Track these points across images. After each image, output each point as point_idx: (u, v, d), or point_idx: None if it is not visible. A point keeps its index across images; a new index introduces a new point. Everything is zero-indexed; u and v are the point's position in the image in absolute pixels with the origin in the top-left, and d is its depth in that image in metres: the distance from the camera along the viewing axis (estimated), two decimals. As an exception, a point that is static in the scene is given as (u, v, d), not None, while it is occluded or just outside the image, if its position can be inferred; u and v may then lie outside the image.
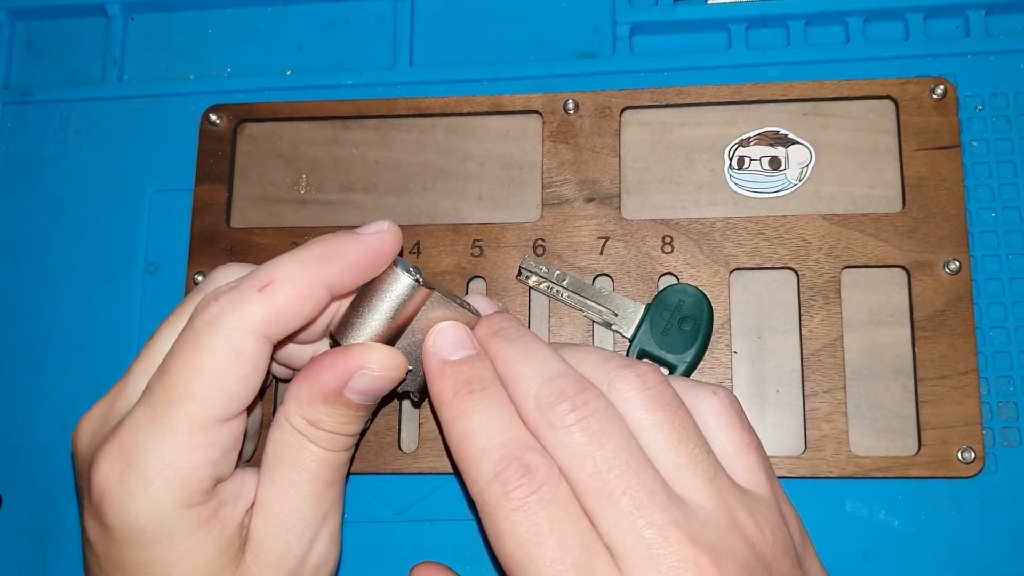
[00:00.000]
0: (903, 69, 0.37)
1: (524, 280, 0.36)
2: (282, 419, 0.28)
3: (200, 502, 0.26)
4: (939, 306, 0.34)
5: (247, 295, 0.26)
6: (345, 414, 0.28)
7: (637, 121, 0.38)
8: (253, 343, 0.26)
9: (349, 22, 0.41)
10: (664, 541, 0.24)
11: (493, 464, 0.25)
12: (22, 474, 0.38)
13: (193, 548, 0.26)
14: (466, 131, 0.38)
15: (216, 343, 0.26)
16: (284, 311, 0.26)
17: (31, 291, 0.39)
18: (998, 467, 0.34)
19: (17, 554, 0.37)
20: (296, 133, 0.39)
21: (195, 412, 0.26)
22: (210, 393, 0.26)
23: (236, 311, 0.26)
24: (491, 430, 0.26)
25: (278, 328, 0.27)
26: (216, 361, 0.26)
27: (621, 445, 0.25)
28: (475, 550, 0.35)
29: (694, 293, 0.35)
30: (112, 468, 0.26)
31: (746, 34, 0.39)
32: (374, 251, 0.28)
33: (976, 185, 0.36)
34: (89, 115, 0.41)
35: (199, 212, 0.38)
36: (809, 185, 0.36)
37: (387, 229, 0.28)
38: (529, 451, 0.26)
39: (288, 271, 0.27)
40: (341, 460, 0.29)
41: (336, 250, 0.28)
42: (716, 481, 0.26)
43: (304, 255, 0.27)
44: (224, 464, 0.27)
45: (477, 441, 0.26)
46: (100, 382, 0.38)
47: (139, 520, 0.26)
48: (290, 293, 0.26)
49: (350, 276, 0.28)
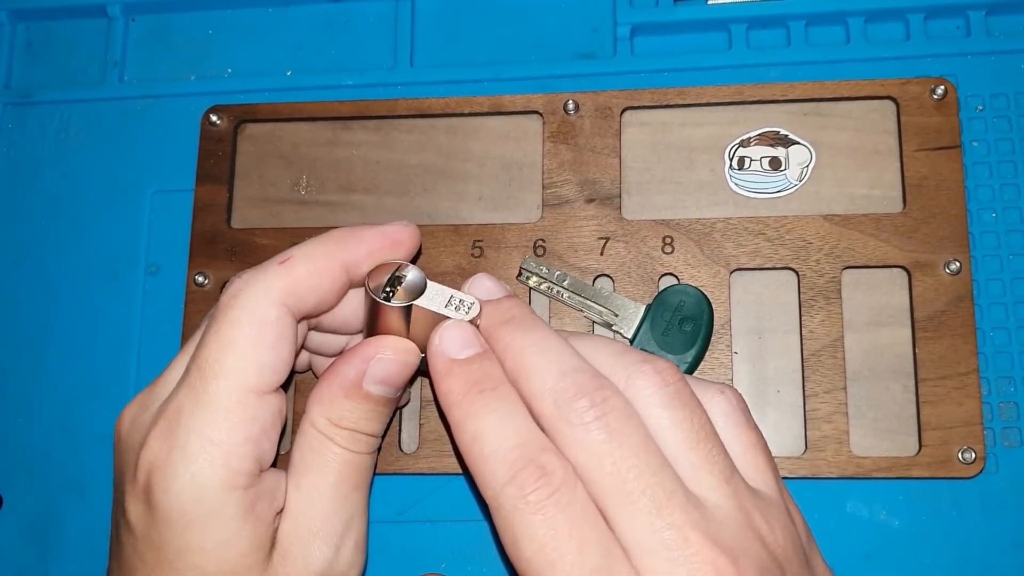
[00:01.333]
0: (904, 69, 0.37)
1: (525, 281, 0.36)
2: (306, 425, 0.29)
3: (242, 486, 0.27)
4: (940, 306, 0.34)
5: (268, 268, 0.28)
6: (366, 409, 0.29)
7: (637, 121, 0.38)
8: (276, 311, 0.27)
9: (349, 22, 0.41)
10: (684, 542, 0.24)
11: (508, 467, 0.25)
12: (22, 474, 0.38)
13: (229, 538, 0.27)
14: (466, 132, 0.38)
15: (240, 314, 0.27)
16: (303, 283, 0.28)
17: (31, 291, 0.39)
18: (999, 467, 0.34)
19: (17, 554, 0.37)
20: (296, 134, 0.39)
21: (230, 386, 0.27)
22: (242, 364, 0.27)
23: (258, 282, 0.27)
24: (504, 431, 0.26)
25: (297, 299, 0.28)
26: (243, 332, 0.27)
27: (640, 444, 0.25)
28: (475, 550, 0.35)
29: (694, 294, 0.34)
30: (161, 448, 0.26)
31: (747, 34, 0.39)
32: (392, 238, 0.29)
33: (977, 185, 0.36)
34: (90, 116, 0.41)
35: (200, 213, 0.38)
36: (809, 185, 0.36)
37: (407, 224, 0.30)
38: (544, 452, 0.25)
39: (308, 250, 0.28)
40: (365, 463, 0.30)
41: (355, 234, 0.29)
42: (732, 482, 0.26)
43: (324, 237, 0.29)
44: (265, 444, 0.27)
45: (490, 442, 0.26)
46: (100, 382, 0.38)
47: (182, 498, 0.26)
48: (309, 267, 0.28)
49: (367, 258, 0.29)
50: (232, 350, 0.27)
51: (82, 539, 0.37)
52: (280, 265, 0.28)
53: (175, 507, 0.26)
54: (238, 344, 0.27)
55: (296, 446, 0.29)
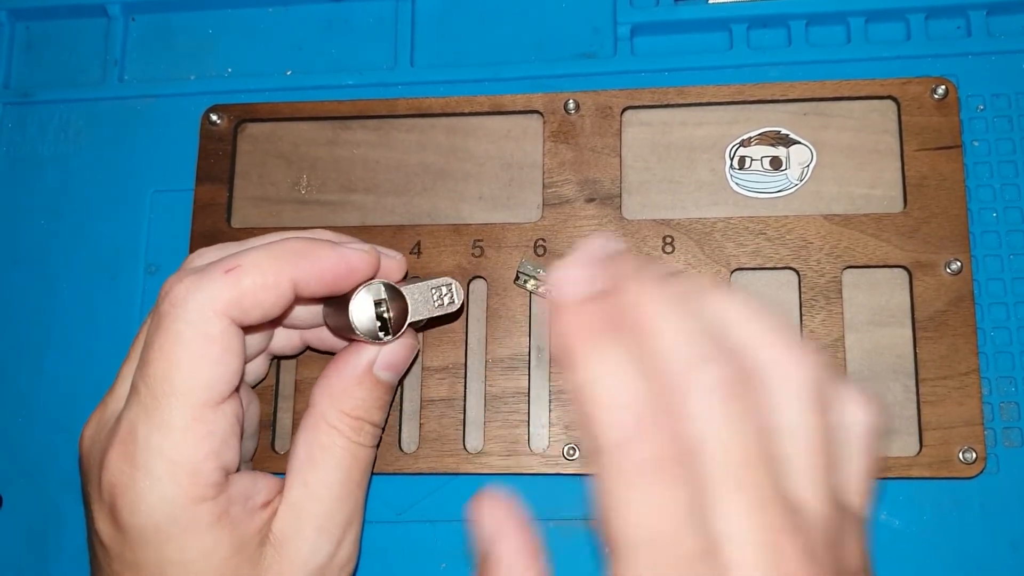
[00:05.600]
0: (904, 69, 0.37)
1: (522, 284, 0.36)
2: (314, 419, 0.29)
3: (211, 496, 0.26)
4: (940, 306, 0.34)
5: (213, 276, 0.26)
6: (375, 396, 0.29)
7: (638, 121, 0.38)
8: (219, 324, 0.26)
9: (349, 22, 0.41)
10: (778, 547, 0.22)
11: (626, 425, 0.23)
12: (22, 474, 0.38)
13: (207, 547, 0.26)
14: (467, 131, 0.38)
15: (184, 328, 0.26)
16: (249, 296, 0.27)
17: (31, 291, 0.39)
18: (999, 468, 0.34)
19: (17, 554, 0.37)
20: (296, 133, 0.39)
21: (183, 404, 0.26)
22: (191, 382, 0.26)
23: (200, 292, 0.26)
24: (624, 383, 0.23)
25: (242, 312, 0.27)
26: (188, 348, 0.26)
27: (760, 433, 0.23)
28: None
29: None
30: (120, 470, 0.26)
31: (747, 34, 0.39)
32: (347, 264, 0.28)
33: (977, 185, 0.36)
34: (90, 115, 0.41)
35: (200, 212, 0.38)
36: (810, 185, 0.36)
37: (367, 250, 0.29)
38: (665, 418, 0.23)
39: (257, 260, 0.27)
40: (369, 459, 0.30)
41: (310, 251, 0.28)
42: (838, 499, 0.24)
43: (276, 249, 0.28)
44: (227, 453, 0.27)
45: (608, 392, 0.23)
46: (100, 382, 0.38)
47: (153, 518, 0.26)
48: (256, 280, 0.27)
49: (317, 280, 0.28)
50: (179, 368, 0.26)
51: (82, 539, 0.36)
52: (226, 274, 0.26)
53: (147, 526, 0.26)
54: (184, 361, 0.26)
55: (301, 442, 0.29)
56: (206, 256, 0.30)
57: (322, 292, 0.28)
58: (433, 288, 0.30)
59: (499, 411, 0.35)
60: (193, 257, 0.31)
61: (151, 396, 0.26)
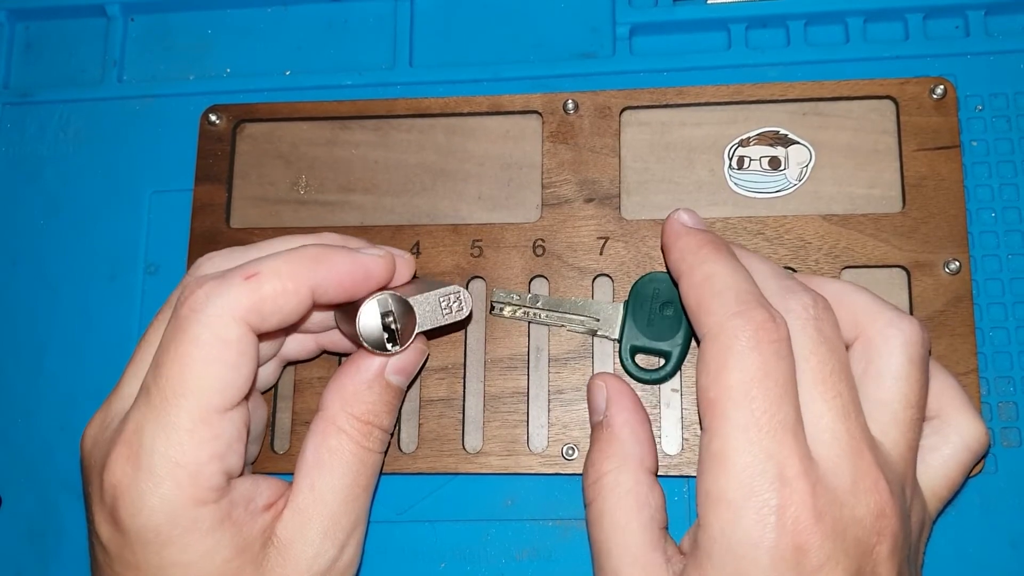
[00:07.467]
0: (903, 69, 0.37)
1: (499, 313, 0.35)
2: (324, 423, 0.29)
3: (213, 500, 0.26)
4: (939, 306, 0.34)
5: (233, 282, 0.27)
6: (386, 400, 0.30)
7: (637, 121, 0.38)
8: (237, 330, 0.26)
9: (349, 22, 0.41)
10: (858, 452, 0.25)
11: (740, 302, 0.26)
12: (22, 474, 0.38)
13: (208, 549, 0.26)
14: (466, 131, 0.38)
15: (201, 332, 0.26)
16: (268, 302, 0.27)
17: (30, 291, 0.39)
18: (998, 468, 0.34)
19: (17, 554, 0.37)
20: (296, 133, 0.39)
21: (193, 406, 0.26)
22: (203, 384, 0.26)
23: (220, 297, 0.26)
24: (737, 276, 0.28)
25: (260, 318, 0.27)
26: (204, 351, 0.26)
27: (845, 360, 0.27)
28: (475, 550, 0.35)
29: (664, 278, 0.34)
30: (123, 471, 0.26)
31: (746, 34, 0.39)
32: (364, 269, 0.29)
33: (976, 185, 0.36)
34: (89, 115, 0.41)
35: (199, 212, 0.38)
36: (809, 185, 0.36)
37: (382, 255, 0.29)
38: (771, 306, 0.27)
39: (277, 266, 0.27)
40: (377, 464, 0.30)
41: (328, 257, 0.28)
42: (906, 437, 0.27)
43: (295, 255, 0.28)
44: (232, 458, 0.27)
45: (723, 281, 0.27)
46: (100, 382, 0.38)
47: (153, 520, 0.26)
48: (276, 286, 0.27)
49: (336, 286, 0.28)
50: (192, 371, 0.26)
51: (82, 539, 0.37)
52: (246, 280, 0.27)
53: (148, 528, 0.26)
54: (198, 365, 0.26)
55: (310, 445, 0.29)
56: (215, 261, 0.30)
57: (340, 298, 0.29)
58: (441, 297, 0.29)
59: (498, 411, 0.35)
60: (202, 261, 0.31)
61: (161, 397, 0.26)
